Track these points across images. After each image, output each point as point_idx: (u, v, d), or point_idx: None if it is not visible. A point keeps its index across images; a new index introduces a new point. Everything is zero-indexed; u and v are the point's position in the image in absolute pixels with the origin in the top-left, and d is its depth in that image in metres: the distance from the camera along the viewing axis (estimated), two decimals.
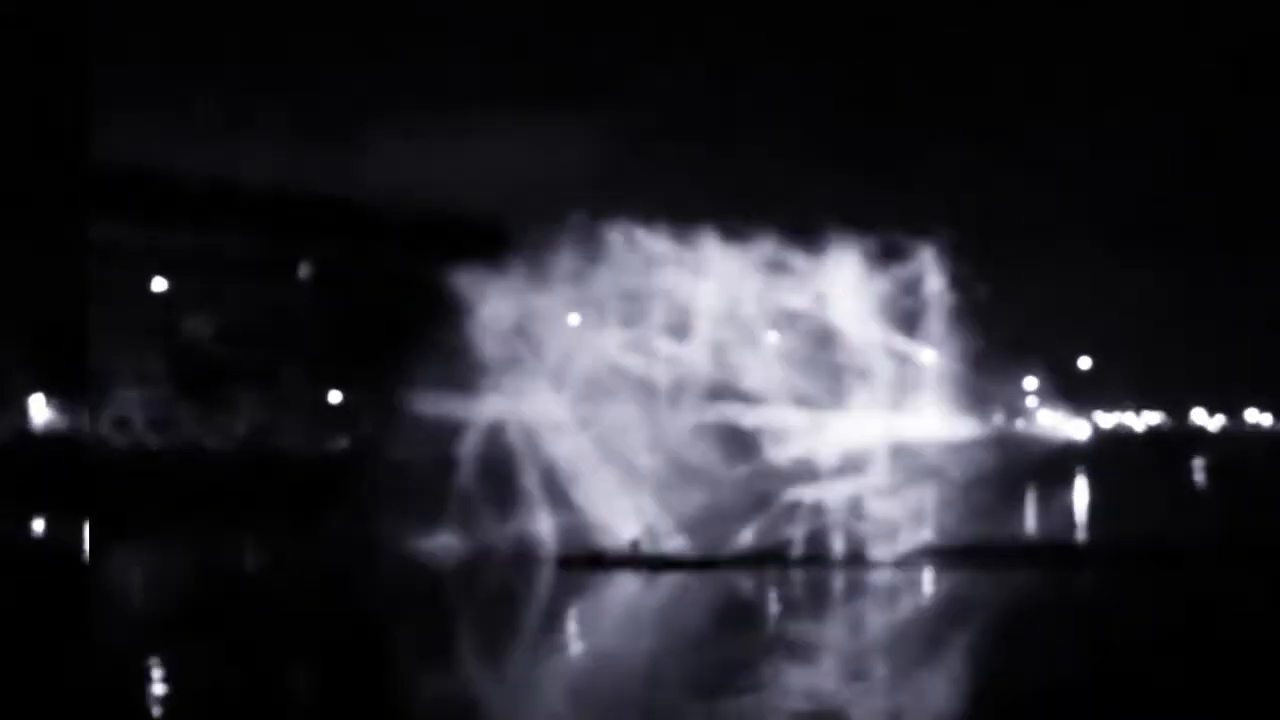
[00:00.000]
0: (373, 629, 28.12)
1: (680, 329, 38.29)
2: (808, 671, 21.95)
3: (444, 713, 18.77)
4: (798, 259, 37.71)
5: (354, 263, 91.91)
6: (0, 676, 21.50)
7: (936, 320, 38.04)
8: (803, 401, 38.49)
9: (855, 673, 21.98)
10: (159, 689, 20.84)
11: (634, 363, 38.88)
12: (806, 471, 38.04)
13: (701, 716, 17.74)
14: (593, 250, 37.93)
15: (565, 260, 38.23)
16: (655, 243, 37.79)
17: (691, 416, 38.71)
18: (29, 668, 22.59)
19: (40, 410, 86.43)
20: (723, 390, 38.50)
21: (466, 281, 40.26)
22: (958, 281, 37.39)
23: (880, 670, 22.75)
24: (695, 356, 38.15)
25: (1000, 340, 39.04)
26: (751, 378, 38.53)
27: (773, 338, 39.02)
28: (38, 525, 50.43)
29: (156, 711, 19.05)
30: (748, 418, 38.65)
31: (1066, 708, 18.55)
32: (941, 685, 20.70)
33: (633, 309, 38.43)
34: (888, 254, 37.38)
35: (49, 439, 76.81)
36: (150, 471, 63.78)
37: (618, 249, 37.79)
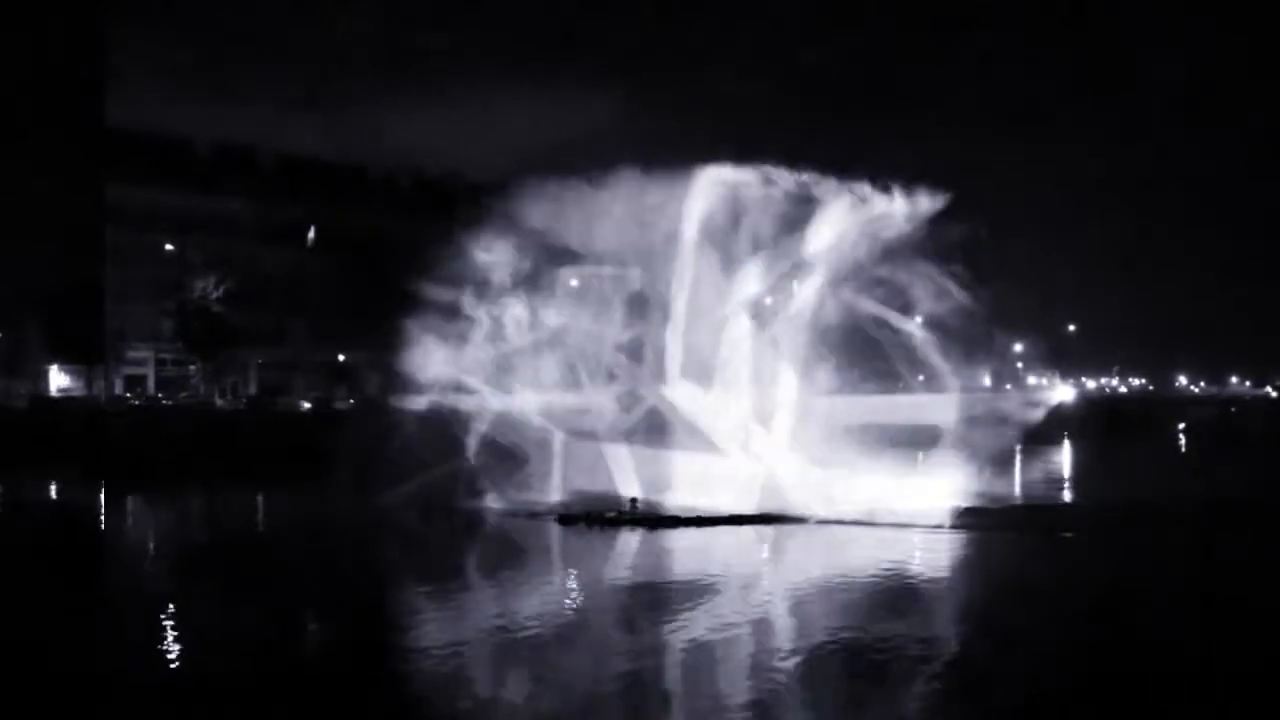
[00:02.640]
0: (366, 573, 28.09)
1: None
2: None
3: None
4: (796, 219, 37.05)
5: (359, 226, 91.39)
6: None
7: (930, 286, 37.38)
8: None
9: None
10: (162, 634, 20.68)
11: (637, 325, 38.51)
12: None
13: None
14: (592, 209, 37.34)
15: (563, 219, 37.67)
16: (653, 197, 37.05)
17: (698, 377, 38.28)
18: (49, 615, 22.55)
19: (57, 376, 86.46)
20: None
21: (470, 243, 39.86)
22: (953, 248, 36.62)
23: None
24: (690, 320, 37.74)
25: (991, 306, 38.33)
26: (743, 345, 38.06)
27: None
28: (54, 486, 50.25)
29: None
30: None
31: None
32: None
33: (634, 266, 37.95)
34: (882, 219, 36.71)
35: (65, 403, 76.68)
36: (162, 430, 63.53)
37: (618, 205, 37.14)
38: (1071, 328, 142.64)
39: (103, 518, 42.09)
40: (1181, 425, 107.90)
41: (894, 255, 36.72)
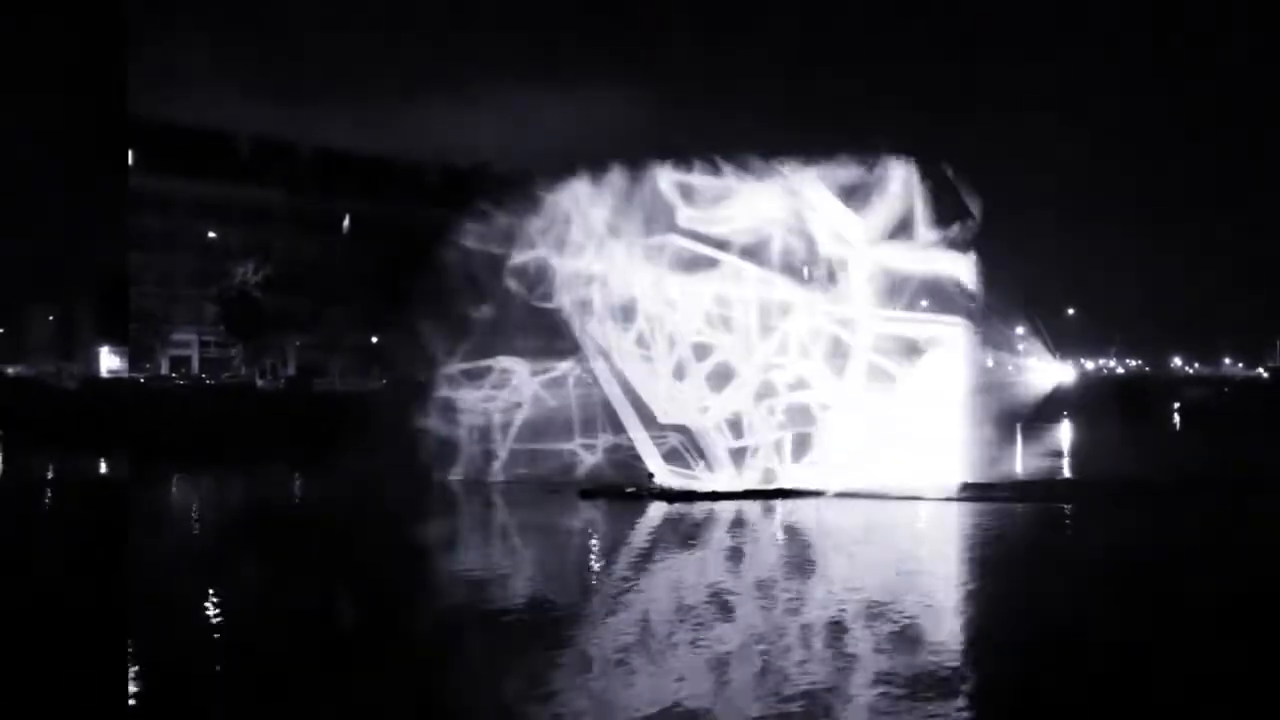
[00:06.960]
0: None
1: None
2: None
3: None
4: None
5: (392, 215, 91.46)
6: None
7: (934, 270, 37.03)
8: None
9: None
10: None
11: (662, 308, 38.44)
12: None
13: None
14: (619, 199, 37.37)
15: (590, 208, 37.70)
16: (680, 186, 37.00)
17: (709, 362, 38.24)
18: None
19: (107, 358, 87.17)
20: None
21: (495, 231, 39.86)
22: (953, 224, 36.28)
23: None
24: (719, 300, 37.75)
25: (992, 290, 38.04)
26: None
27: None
28: (102, 462, 50.60)
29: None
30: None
31: None
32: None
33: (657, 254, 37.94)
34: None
35: (112, 385, 77.25)
36: (205, 409, 63.81)
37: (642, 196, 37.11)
38: (1070, 310, 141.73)
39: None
40: (1176, 404, 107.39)
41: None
